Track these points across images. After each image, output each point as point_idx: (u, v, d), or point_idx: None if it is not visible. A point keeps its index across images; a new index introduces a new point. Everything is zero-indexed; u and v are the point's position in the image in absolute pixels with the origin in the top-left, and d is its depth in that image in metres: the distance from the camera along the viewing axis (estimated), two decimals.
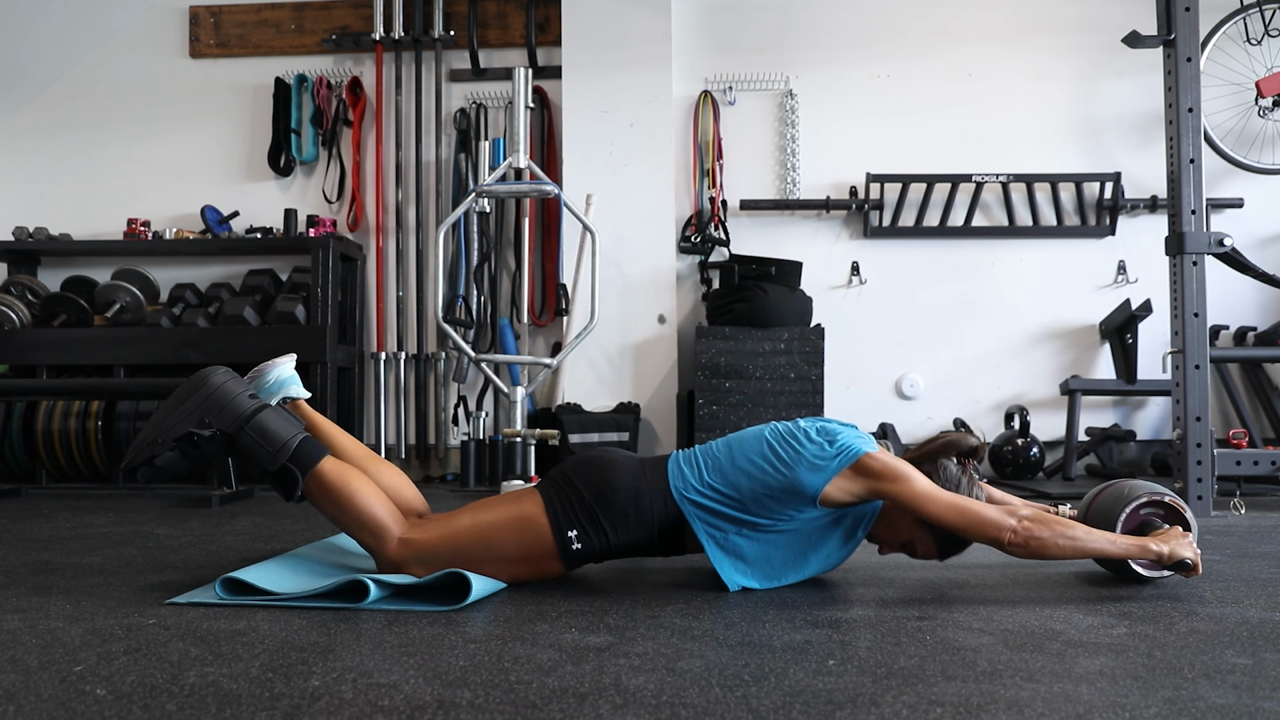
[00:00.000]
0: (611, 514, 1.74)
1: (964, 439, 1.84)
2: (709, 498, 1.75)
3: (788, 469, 1.72)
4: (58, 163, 4.60)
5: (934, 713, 1.05)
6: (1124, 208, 4.18)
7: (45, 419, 3.92)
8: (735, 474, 1.75)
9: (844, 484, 1.72)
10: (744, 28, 4.40)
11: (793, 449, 1.74)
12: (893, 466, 1.71)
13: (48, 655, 1.29)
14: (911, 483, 1.69)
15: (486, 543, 1.73)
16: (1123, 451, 4.18)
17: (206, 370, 1.75)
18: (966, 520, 1.66)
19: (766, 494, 1.72)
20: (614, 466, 1.78)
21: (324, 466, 1.72)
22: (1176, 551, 1.67)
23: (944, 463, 1.82)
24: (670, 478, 1.77)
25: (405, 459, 4.42)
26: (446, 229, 3.57)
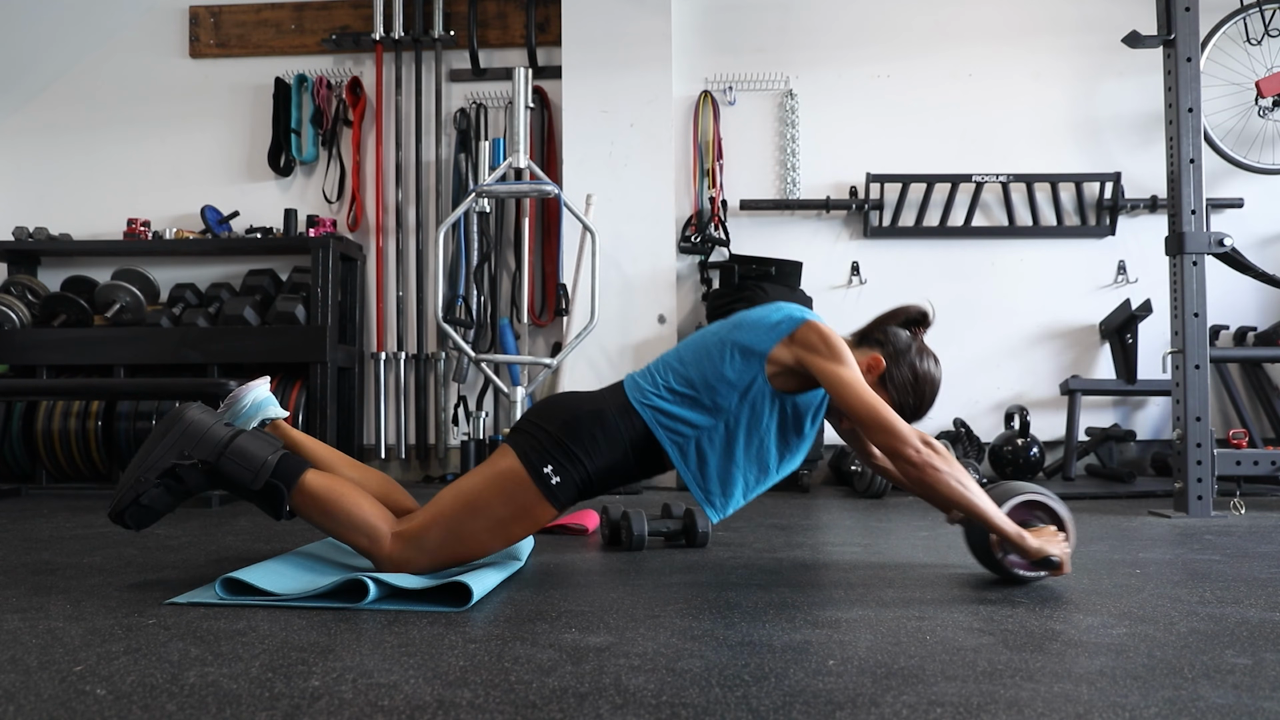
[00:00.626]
0: (580, 440, 1.76)
1: (912, 306, 1.90)
2: (665, 399, 1.79)
3: (733, 331, 1.80)
4: (58, 163, 4.60)
5: (934, 713, 1.05)
6: (1124, 208, 4.18)
7: (45, 419, 3.92)
8: (687, 366, 1.81)
9: (781, 352, 1.77)
10: (744, 28, 4.40)
11: (738, 318, 1.84)
12: (828, 339, 1.75)
13: (48, 655, 1.29)
14: (839, 364, 1.73)
15: (474, 508, 1.74)
16: (1123, 451, 4.18)
17: (180, 406, 1.77)
18: (876, 419, 1.70)
19: (715, 373, 1.78)
20: (572, 397, 1.84)
21: (307, 478, 1.73)
22: (1044, 547, 1.70)
23: (894, 330, 1.88)
24: (629, 391, 1.82)
25: (405, 459, 4.42)
26: (446, 229, 3.57)
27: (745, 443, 1.81)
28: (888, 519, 2.89)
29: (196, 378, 3.87)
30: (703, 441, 1.79)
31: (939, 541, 2.40)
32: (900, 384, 1.85)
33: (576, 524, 2.59)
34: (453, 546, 1.74)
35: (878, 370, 1.85)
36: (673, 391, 1.79)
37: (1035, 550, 1.70)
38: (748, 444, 1.81)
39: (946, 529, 2.64)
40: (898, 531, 2.60)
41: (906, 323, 1.90)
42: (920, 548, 2.29)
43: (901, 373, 1.86)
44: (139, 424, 3.89)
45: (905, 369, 1.86)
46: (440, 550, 1.74)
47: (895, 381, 1.85)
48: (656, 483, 4.09)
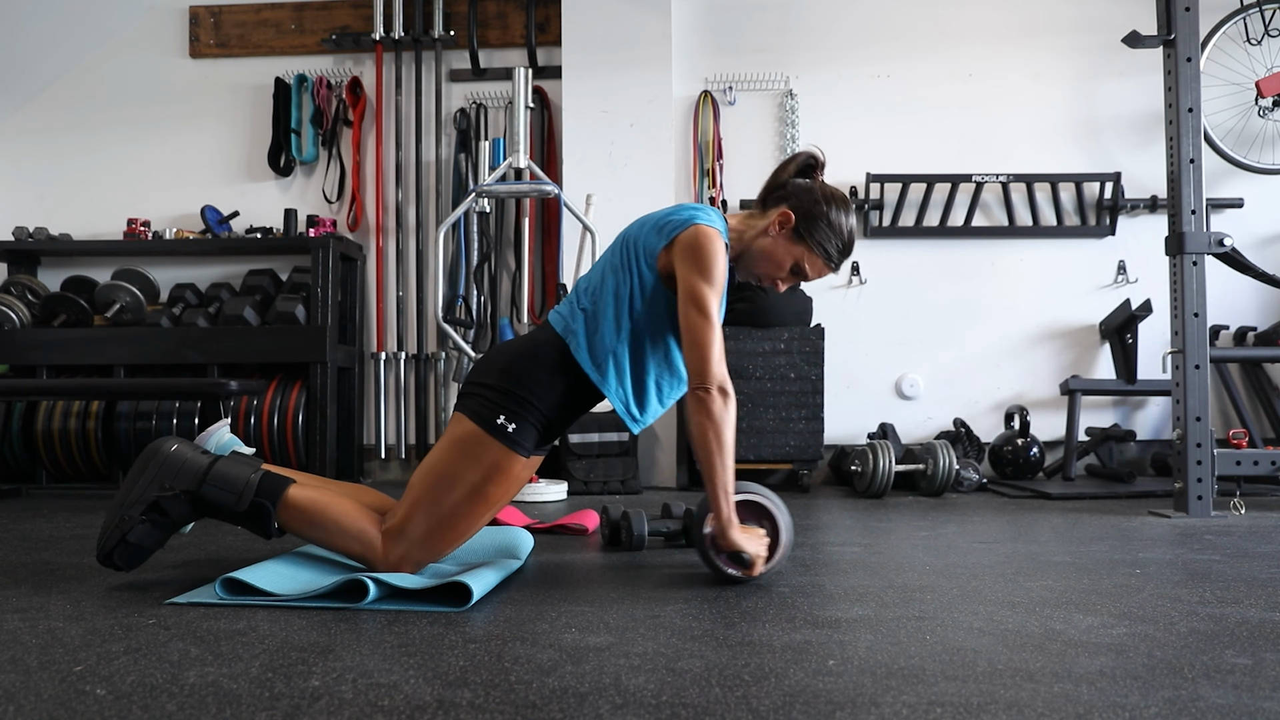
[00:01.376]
0: (522, 383, 1.78)
1: (802, 152, 1.89)
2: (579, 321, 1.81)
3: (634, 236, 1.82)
4: (58, 163, 4.60)
5: (934, 713, 1.05)
6: (1124, 208, 4.18)
7: (45, 419, 3.92)
8: (592, 280, 1.85)
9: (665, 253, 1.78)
10: (744, 28, 4.40)
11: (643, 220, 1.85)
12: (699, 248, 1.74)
13: (48, 655, 1.29)
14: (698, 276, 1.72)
15: (445, 480, 1.74)
16: (1123, 451, 4.18)
17: (155, 442, 1.77)
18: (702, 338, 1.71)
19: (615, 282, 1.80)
20: (503, 346, 1.87)
21: (291, 492, 1.74)
22: (740, 541, 1.72)
23: (794, 182, 1.87)
24: (553, 323, 1.85)
25: (405, 459, 4.42)
26: (446, 229, 3.57)
27: (651, 347, 1.83)
28: (888, 519, 2.89)
29: (196, 378, 3.87)
30: (618, 355, 1.80)
31: (939, 541, 2.40)
32: (816, 230, 1.83)
33: (576, 524, 2.59)
34: (439, 526, 1.75)
35: (789, 224, 1.84)
36: (585, 312, 1.82)
37: (731, 541, 1.72)
38: (654, 349, 1.83)
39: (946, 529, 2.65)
40: (898, 531, 2.60)
41: (800, 171, 1.88)
42: (920, 548, 2.29)
43: (815, 220, 1.83)
44: (139, 424, 3.89)
45: (818, 215, 1.83)
46: (429, 534, 1.74)
47: (811, 230, 1.83)
48: (657, 482, 4.09)
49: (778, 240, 1.84)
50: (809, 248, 1.84)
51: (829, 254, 1.85)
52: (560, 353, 1.81)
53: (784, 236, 1.84)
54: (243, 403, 3.96)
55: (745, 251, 1.89)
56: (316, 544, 1.79)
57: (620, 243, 1.87)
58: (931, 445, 3.61)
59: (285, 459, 4.00)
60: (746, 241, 1.88)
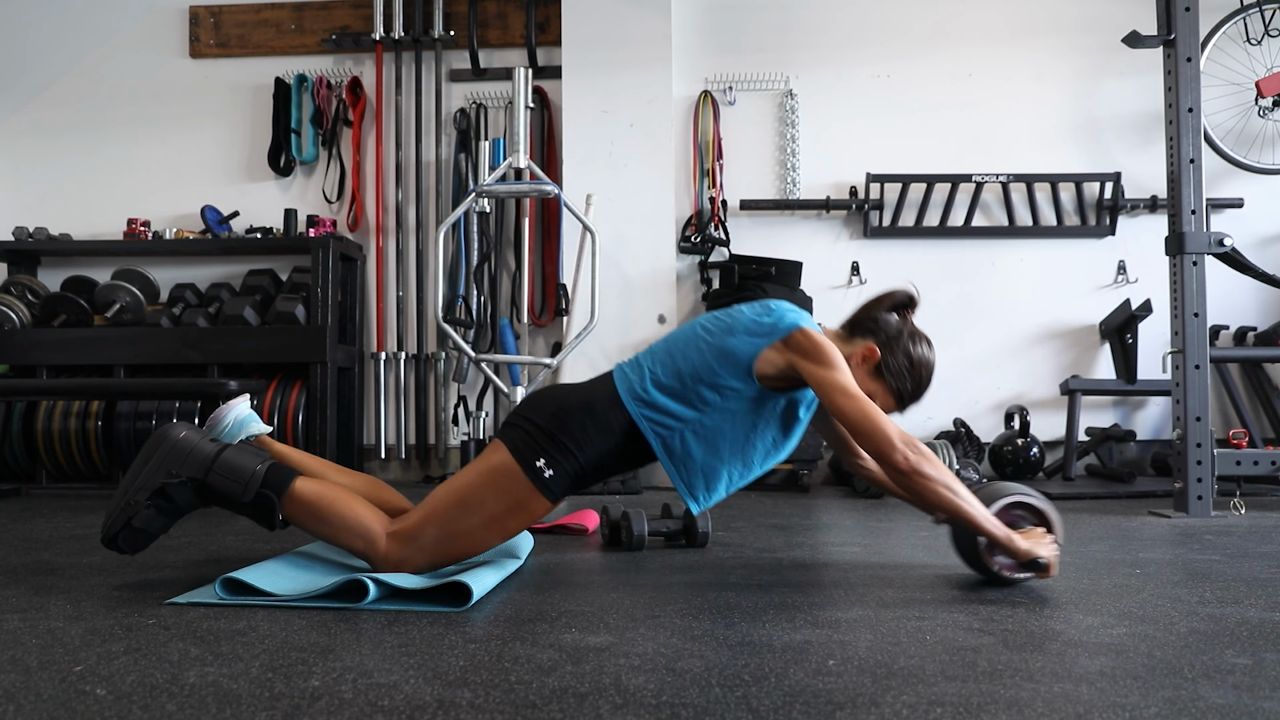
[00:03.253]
0: (570, 431, 1.76)
1: (898, 290, 1.89)
2: (652, 392, 1.79)
3: (724, 335, 1.78)
4: (58, 163, 4.60)
5: (934, 713, 1.05)
6: (1124, 208, 4.18)
7: (45, 419, 3.92)
8: (674, 358, 1.81)
9: (773, 355, 1.76)
10: (744, 28, 4.40)
11: (730, 318, 1.82)
12: (820, 346, 1.74)
13: (48, 655, 1.29)
14: (831, 369, 1.72)
15: (467, 504, 1.74)
16: (1123, 451, 4.18)
17: (164, 427, 1.77)
18: (867, 422, 1.68)
19: (705, 368, 1.77)
20: (561, 389, 1.84)
21: (297, 485, 1.73)
22: (1033, 549, 1.69)
23: (883, 316, 1.87)
24: (616, 382, 1.82)
25: (405, 459, 4.42)
26: (446, 229, 3.57)
27: (730, 440, 1.80)
28: (888, 519, 2.89)
29: (196, 378, 3.87)
30: (687, 435, 1.79)
31: (939, 542, 2.40)
32: (896, 371, 1.85)
33: (576, 524, 2.59)
34: (449, 543, 1.74)
35: (872, 360, 1.84)
36: (659, 385, 1.79)
37: (1024, 552, 1.69)
38: (733, 441, 1.81)
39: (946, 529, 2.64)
40: (898, 531, 2.60)
41: (894, 307, 1.89)
42: (920, 548, 2.29)
43: (896, 360, 1.85)
44: (139, 424, 3.89)
45: (900, 356, 1.85)
46: (437, 548, 1.74)
47: (891, 369, 1.85)
48: (656, 482, 4.09)
49: (856, 373, 1.82)
50: (885, 386, 1.84)
51: (901, 396, 1.86)
52: (620, 416, 1.78)
53: (863, 371, 1.83)
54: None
55: None
56: (320, 538, 1.79)
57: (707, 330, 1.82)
58: (932, 445, 3.61)
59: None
60: None
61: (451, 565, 1.88)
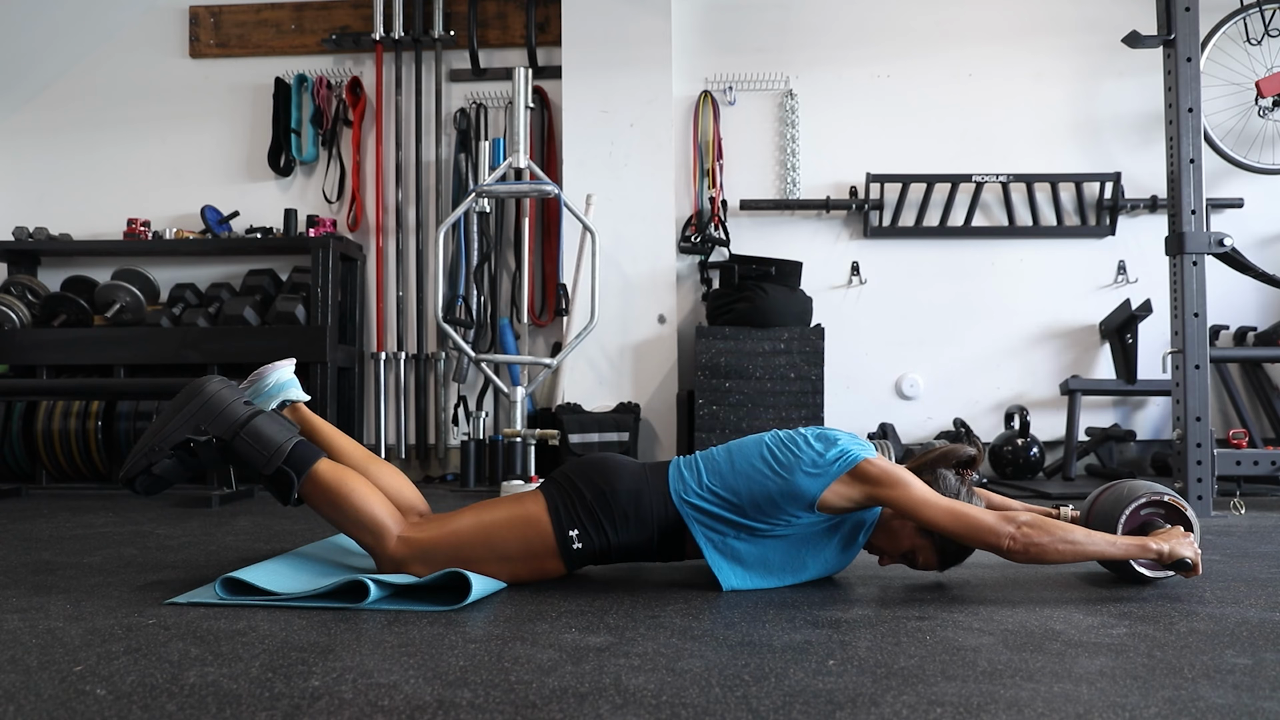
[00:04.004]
0: (612, 514, 1.75)
1: (961, 448, 1.84)
2: (708, 501, 1.76)
3: (786, 472, 1.73)
4: (58, 163, 4.60)
5: (934, 713, 1.05)
6: (1124, 208, 4.18)
7: (45, 419, 3.92)
8: (735, 478, 1.76)
9: (842, 489, 1.72)
10: (744, 28, 4.39)
11: (792, 454, 1.76)
12: (891, 472, 1.71)
13: (48, 655, 1.29)
14: (909, 488, 1.70)
15: (488, 541, 1.73)
16: (1123, 451, 4.18)
17: (202, 379, 1.78)
18: (965, 526, 1.67)
19: (765, 499, 1.73)
20: (616, 468, 1.80)
21: (319, 468, 1.73)
22: (1176, 550, 1.67)
23: (943, 472, 1.83)
24: (670, 481, 1.79)
25: (405, 459, 4.42)
26: (446, 229, 3.57)
27: (783, 556, 1.79)
28: None
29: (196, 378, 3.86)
30: (740, 539, 1.77)
31: None
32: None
33: None
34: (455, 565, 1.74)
35: None
36: (716, 496, 1.76)
37: (1167, 555, 1.67)
38: (784, 557, 1.79)
39: None
40: None
41: (956, 465, 1.85)
42: None
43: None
44: (139, 424, 3.89)
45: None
46: (444, 564, 1.73)
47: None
48: None
49: (906, 524, 1.80)
50: (932, 544, 1.80)
51: (945, 558, 1.82)
52: (665, 512, 1.77)
53: (913, 525, 1.79)
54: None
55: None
56: (330, 522, 1.78)
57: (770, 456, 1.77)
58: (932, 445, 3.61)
59: None
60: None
61: None
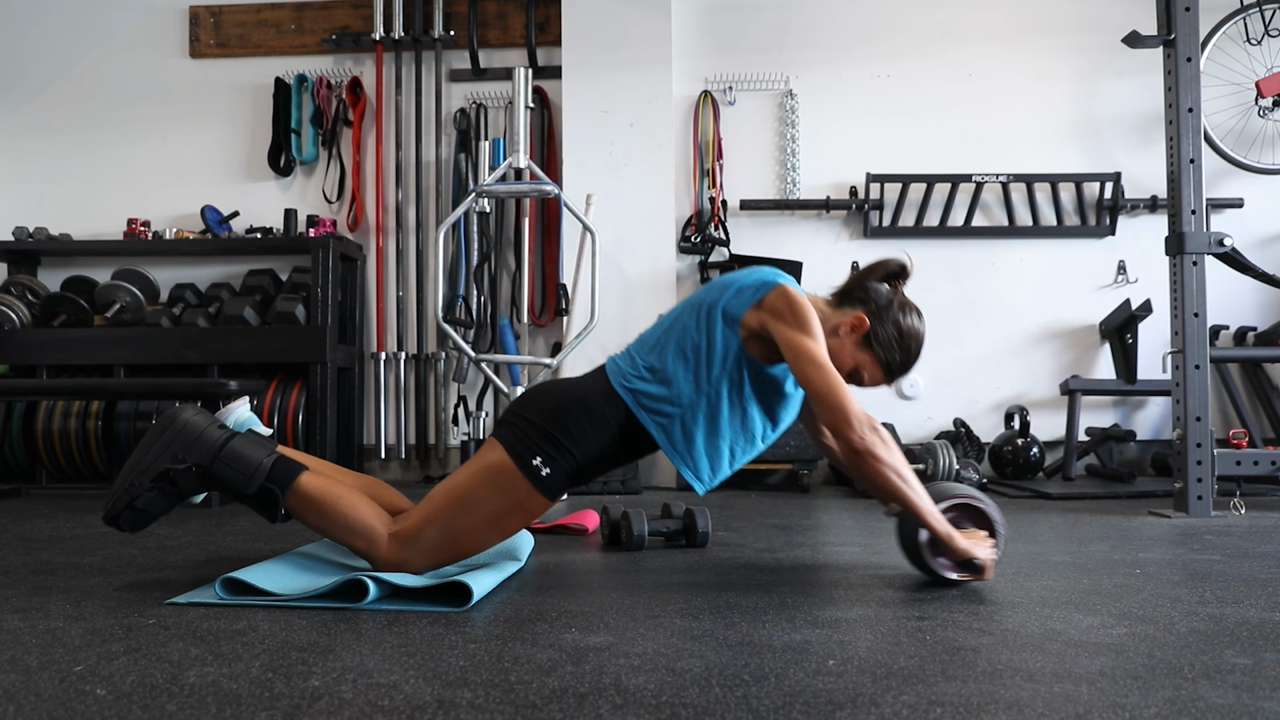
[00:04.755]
0: (566, 429, 1.75)
1: (890, 260, 1.87)
2: (646, 380, 1.78)
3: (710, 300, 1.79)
4: (58, 163, 4.60)
5: (934, 713, 1.05)
6: (1124, 208, 4.19)
7: (45, 419, 3.92)
8: (663, 340, 1.81)
9: (752, 316, 1.75)
10: (744, 28, 4.39)
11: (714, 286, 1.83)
12: (796, 308, 1.71)
13: (48, 655, 1.29)
14: (802, 334, 1.70)
15: (466, 505, 1.73)
16: (1123, 451, 4.18)
17: (174, 409, 1.77)
18: (830, 395, 1.67)
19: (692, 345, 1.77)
20: (555, 386, 1.83)
21: (303, 480, 1.73)
22: (970, 549, 1.69)
23: (874, 286, 1.85)
24: (610, 375, 1.81)
25: (405, 459, 4.42)
26: (446, 229, 3.57)
27: (729, 414, 1.79)
28: (888, 519, 2.89)
29: (196, 378, 3.87)
30: (687, 419, 1.78)
31: None
32: (885, 341, 1.83)
33: (576, 524, 2.59)
34: (449, 544, 1.74)
35: (862, 329, 1.83)
36: (652, 370, 1.79)
37: (961, 551, 1.69)
38: (731, 415, 1.80)
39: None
40: None
41: (886, 277, 1.88)
42: None
43: (886, 330, 1.83)
44: (139, 424, 3.89)
45: (890, 326, 1.83)
46: (437, 548, 1.74)
47: (880, 339, 1.83)
48: (657, 482, 4.09)
49: (845, 342, 1.82)
50: (874, 357, 1.83)
51: (890, 368, 1.84)
52: (614, 409, 1.78)
53: (852, 340, 1.82)
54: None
55: None
56: (321, 534, 1.79)
57: (694, 306, 1.83)
58: (931, 445, 3.61)
59: None
60: None
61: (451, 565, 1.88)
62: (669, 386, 1.77)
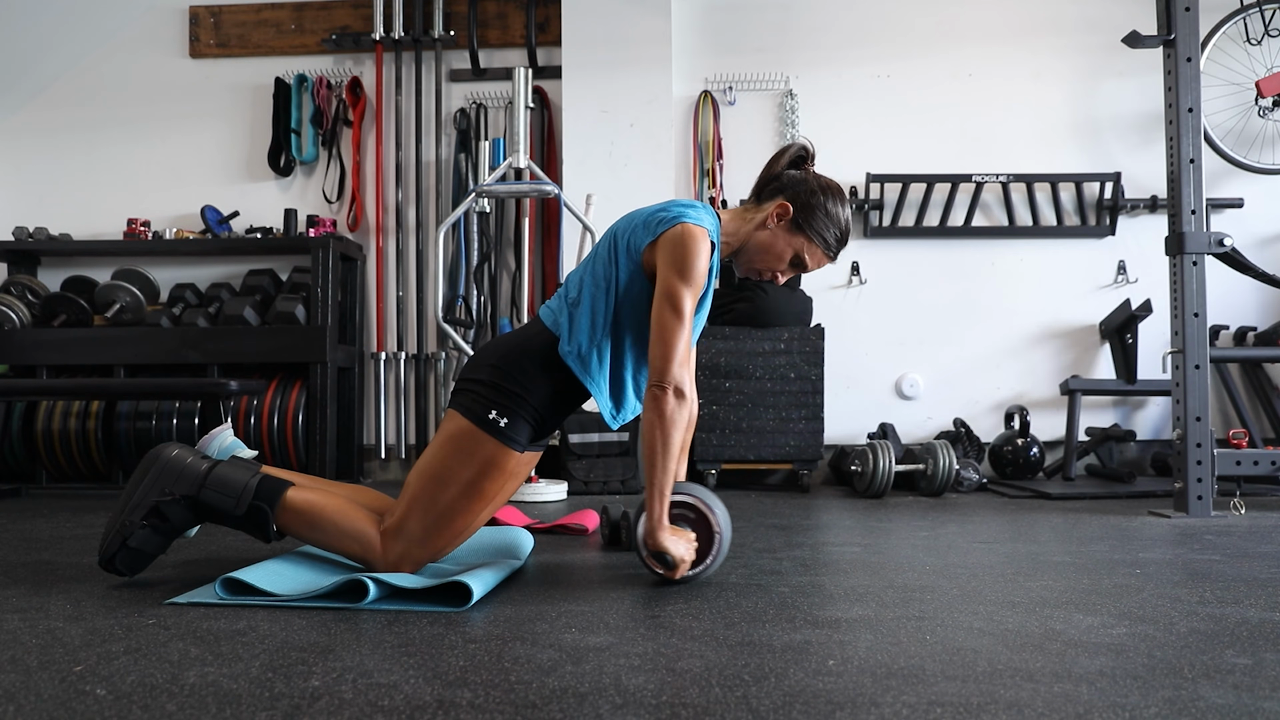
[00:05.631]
0: (513, 377, 1.77)
1: (792, 145, 1.90)
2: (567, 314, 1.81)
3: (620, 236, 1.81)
4: (58, 163, 4.60)
5: (934, 713, 1.05)
6: (1124, 208, 4.19)
7: (45, 419, 3.92)
8: (582, 274, 1.84)
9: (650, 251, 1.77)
10: (744, 28, 4.40)
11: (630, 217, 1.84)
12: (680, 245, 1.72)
13: (48, 655, 1.29)
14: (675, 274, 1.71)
15: (440, 479, 1.74)
16: (1123, 451, 4.18)
17: (156, 448, 1.78)
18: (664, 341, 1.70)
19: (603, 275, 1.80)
20: (494, 342, 1.86)
21: (290, 495, 1.74)
22: (665, 542, 1.70)
23: (785, 173, 1.87)
24: (541, 317, 1.85)
25: (405, 459, 4.42)
26: (446, 229, 3.57)
27: (631, 342, 1.83)
28: (888, 519, 2.89)
29: (196, 378, 3.87)
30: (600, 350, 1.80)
31: (939, 542, 2.40)
32: (815, 220, 1.84)
33: (576, 524, 2.59)
34: (437, 524, 1.75)
35: (787, 215, 1.84)
36: (570, 305, 1.82)
37: (655, 542, 1.71)
38: (634, 343, 1.83)
39: (946, 529, 2.64)
40: (898, 531, 2.60)
41: (793, 163, 1.89)
42: (920, 548, 2.29)
43: (812, 210, 1.84)
44: (139, 424, 3.89)
45: (814, 206, 1.84)
46: (427, 532, 1.74)
47: (810, 221, 1.84)
48: None
49: (776, 232, 1.85)
50: (808, 238, 1.84)
51: (828, 243, 1.86)
52: (549, 346, 1.81)
53: (782, 228, 1.85)
54: (243, 403, 3.96)
55: (743, 246, 1.89)
56: (316, 546, 1.79)
57: (609, 236, 1.86)
58: (931, 445, 3.61)
59: (285, 459, 4.00)
60: (743, 236, 1.88)
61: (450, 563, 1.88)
62: (582, 319, 1.80)
